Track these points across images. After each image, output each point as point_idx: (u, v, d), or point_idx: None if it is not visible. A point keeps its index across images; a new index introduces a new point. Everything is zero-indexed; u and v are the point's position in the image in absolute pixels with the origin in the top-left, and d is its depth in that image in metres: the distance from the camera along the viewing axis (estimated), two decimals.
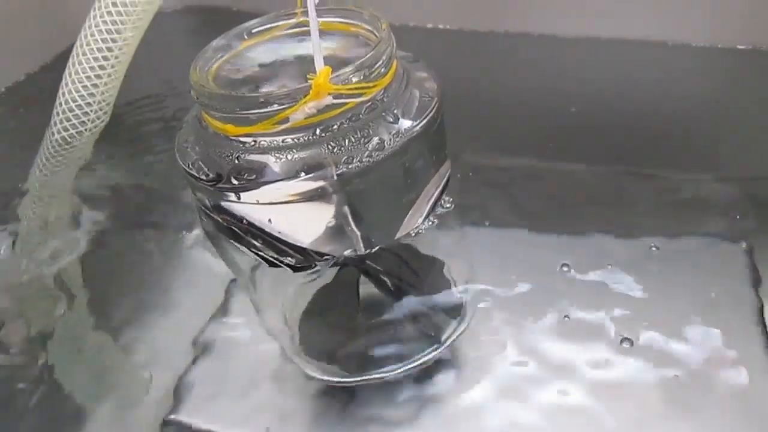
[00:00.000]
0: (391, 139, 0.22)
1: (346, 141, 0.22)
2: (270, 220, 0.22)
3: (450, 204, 0.26)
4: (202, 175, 0.22)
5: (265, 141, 0.21)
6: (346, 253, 0.23)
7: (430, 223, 0.25)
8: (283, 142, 0.21)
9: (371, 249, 0.23)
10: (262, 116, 0.21)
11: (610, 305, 0.31)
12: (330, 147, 0.21)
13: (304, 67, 0.23)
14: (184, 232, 0.34)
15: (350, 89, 0.21)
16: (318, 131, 0.21)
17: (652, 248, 0.33)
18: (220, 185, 0.22)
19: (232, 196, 0.22)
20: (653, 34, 0.50)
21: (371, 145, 0.22)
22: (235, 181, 0.21)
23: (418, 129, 0.22)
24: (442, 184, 0.25)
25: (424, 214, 0.24)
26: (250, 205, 0.22)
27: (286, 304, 0.29)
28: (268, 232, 0.22)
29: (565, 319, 0.30)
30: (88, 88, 0.44)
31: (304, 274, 0.24)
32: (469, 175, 0.38)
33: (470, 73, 0.50)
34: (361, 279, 0.27)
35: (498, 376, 0.29)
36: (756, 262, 0.32)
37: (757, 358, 0.28)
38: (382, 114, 0.22)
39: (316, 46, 0.21)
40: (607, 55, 0.50)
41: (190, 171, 0.22)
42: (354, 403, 0.28)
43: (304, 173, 0.21)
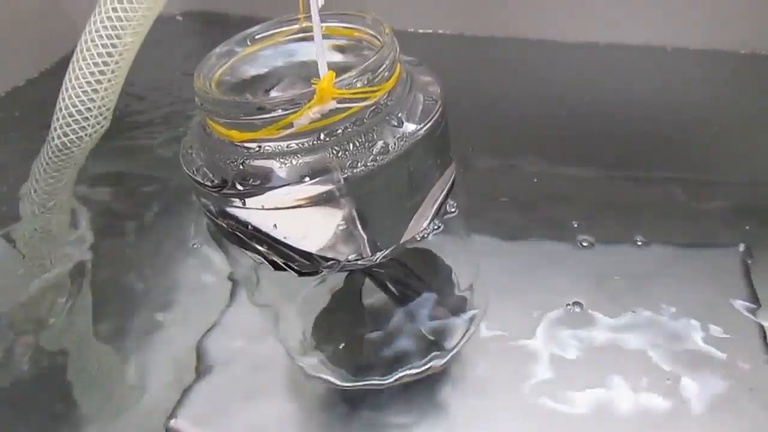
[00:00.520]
0: (395, 143, 0.22)
1: (351, 145, 0.22)
2: (275, 226, 0.22)
3: (455, 208, 0.26)
4: (207, 181, 0.22)
5: (270, 146, 0.21)
6: (351, 258, 0.23)
7: (436, 228, 0.25)
8: (288, 147, 0.21)
9: (376, 253, 0.23)
10: (266, 122, 0.21)
11: (609, 308, 0.31)
12: (335, 151, 0.21)
13: (308, 73, 0.23)
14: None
15: (354, 94, 0.21)
16: (322, 136, 0.21)
17: (651, 253, 0.33)
18: (225, 191, 0.22)
19: (237, 202, 0.22)
20: (653, 39, 0.50)
21: (376, 149, 0.22)
22: (240, 187, 0.21)
23: (422, 132, 0.22)
24: (447, 188, 0.25)
25: (429, 218, 0.24)
26: (255, 211, 0.22)
27: (290, 308, 0.29)
28: (273, 237, 0.22)
29: (569, 324, 0.30)
30: (89, 94, 0.44)
31: (310, 280, 0.23)
32: (471, 179, 0.38)
33: (470, 78, 0.50)
34: (367, 285, 0.27)
35: (504, 383, 0.29)
36: (754, 268, 0.32)
37: (756, 364, 0.28)
38: (387, 118, 0.22)
39: (320, 51, 0.21)
40: (607, 60, 0.50)
41: (195, 177, 0.22)
42: (358, 409, 0.28)
43: (309, 178, 0.21)
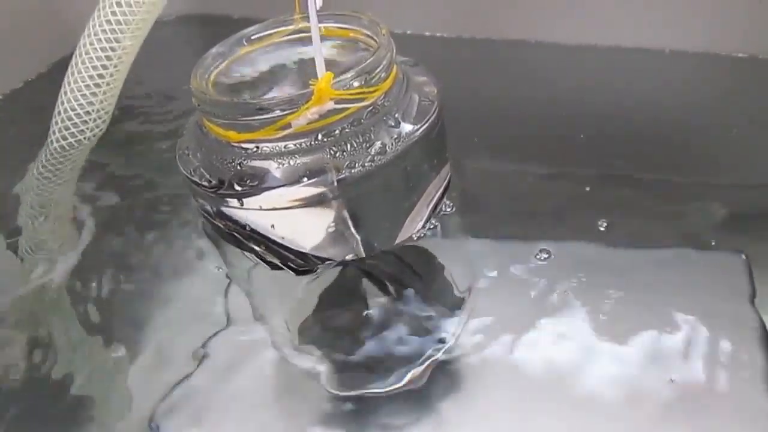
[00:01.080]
0: (392, 144, 0.22)
1: (349, 146, 0.22)
2: (273, 226, 0.22)
3: (450, 208, 0.26)
4: (204, 182, 0.22)
5: (268, 147, 0.22)
6: (348, 257, 0.23)
7: (432, 227, 0.25)
8: (286, 147, 0.21)
9: (372, 253, 0.23)
10: (264, 122, 0.21)
11: (607, 311, 0.31)
12: (332, 152, 0.22)
13: (304, 73, 0.23)
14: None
15: (352, 94, 0.21)
16: (320, 136, 0.22)
17: (648, 256, 0.33)
18: (222, 191, 0.22)
19: (235, 202, 0.22)
20: (651, 42, 0.50)
21: (373, 150, 0.22)
22: (238, 187, 0.22)
23: (419, 133, 0.22)
24: (443, 188, 0.25)
25: (425, 218, 0.24)
26: (253, 211, 0.22)
27: (286, 306, 0.29)
28: (270, 237, 0.22)
29: (567, 324, 0.30)
30: (87, 97, 0.44)
31: (305, 278, 0.24)
32: (467, 180, 0.38)
33: (468, 80, 0.50)
34: (363, 281, 0.27)
35: (500, 379, 0.29)
36: (753, 271, 0.32)
37: (757, 368, 0.28)
38: (384, 118, 0.22)
39: (318, 52, 0.22)
40: (605, 63, 0.50)
41: (192, 177, 0.22)
42: (354, 406, 0.28)
43: (306, 178, 0.21)
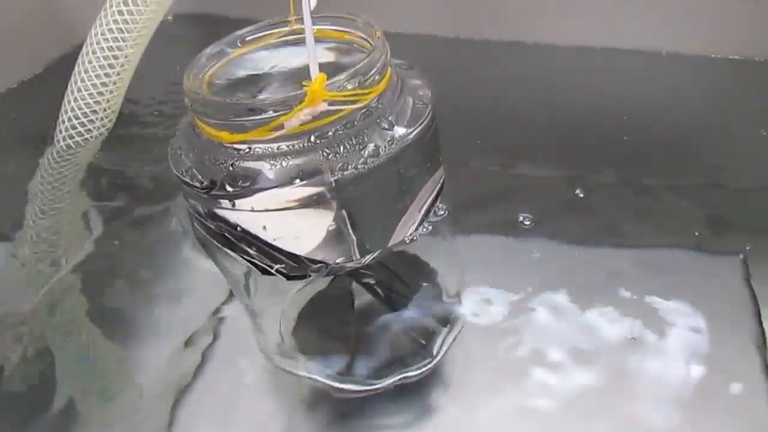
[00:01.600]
0: (386, 146, 0.22)
1: (341, 148, 0.22)
2: (264, 228, 0.22)
3: (443, 211, 0.25)
4: (196, 182, 0.22)
5: (260, 148, 0.21)
6: (340, 261, 0.23)
7: (424, 230, 0.25)
8: (278, 149, 0.21)
9: (365, 256, 0.23)
10: (257, 123, 0.21)
11: (604, 314, 0.31)
12: (325, 154, 0.21)
13: (298, 75, 0.23)
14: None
15: (345, 96, 0.21)
16: (313, 138, 0.21)
17: (645, 257, 0.33)
18: (214, 192, 0.22)
19: (227, 204, 0.22)
20: (648, 43, 0.50)
21: (366, 152, 0.22)
22: (230, 188, 0.21)
23: (412, 136, 0.22)
24: (436, 191, 0.25)
25: (418, 221, 0.24)
26: (244, 213, 0.22)
27: (278, 312, 0.29)
28: (262, 239, 0.22)
29: (559, 327, 0.30)
30: (94, 96, 0.44)
31: (298, 283, 0.23)
32: (462, 183, 0.38)
33: (465, 81, 0.50)
34: (354, 288, 0.27)
35: (491, 385, 0.28)
36: (751, 273, 0.32)
37: (755, 372, 0.28)
38: (377, 121, 0.22)
39: (312, 54, 0.21)
40: (602, 65, 0.50)
41: (184, 178, 0.22)
42: (345, 413, 0.28)
43: (299, 180, 0.21)
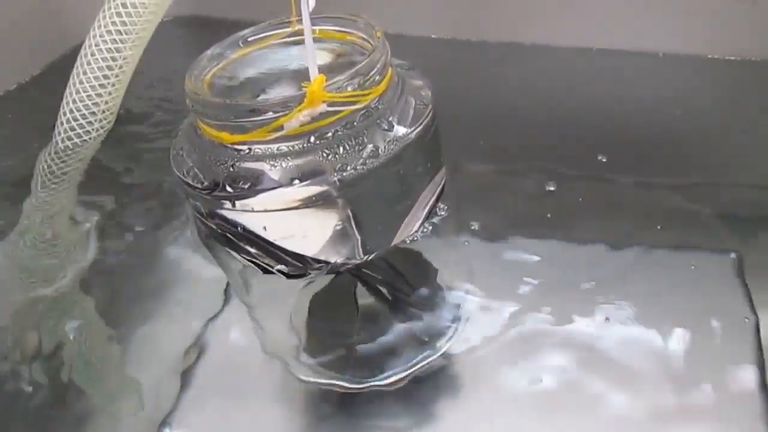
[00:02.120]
0: (386, 147, 0.22)
1: (341, 148, 0.22)
2: (265, 228, 0.22)
3: (445, 211, 0.26)
4: (198, 183, 0.22)
5: (260, 149, 0.22)
6: (341, 260, 0.23)
7: (426, 230, 0.25)
8: (278, 149, 0.22)
9: (367, 256, 0.23)
10: (256, 124, 0.21)
11: (602, 313, 0.31)
12: (325, 154, 0.22)
13: (299, 76, 0.23)
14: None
15: (345, 97, 0.21)
16: (313, 139, 0.22)
17: (640, 256, 0.33)
18: (215, 193, 0.22)
19: (228, 204, 0.22)
20: (646, 44, 0.50)
21: (366, 153, 0.22)
22: (231, 189, 0.22)
23: (413, 136, 0.22)
24: (438, 191, 0.25)
25: (420, 221, 0.24)
26: (245, 213, 0.22)
27: (281, 311, 0.29)
28: (263, 239, 0.22)
29: (560, 327, 0.30)
30: (93, 98, 0.44)
31: (299, 282, 0.23)
32: (462, 183, 0.38)
33: (463, 82, 0.50)
34: (357, 286, 0.27)
35: (493, 382, 0.28)
36: (745, 273, 0.32)
37: (750, 368, 0.28)
38: (377, 121, 0.22)
39: (311, 54, 0.22)
40: (600, 65, 0.50)
41: (186, 179, 0.22)
42: (348, 411, 0.28)
43: (299, 180, 0.21)
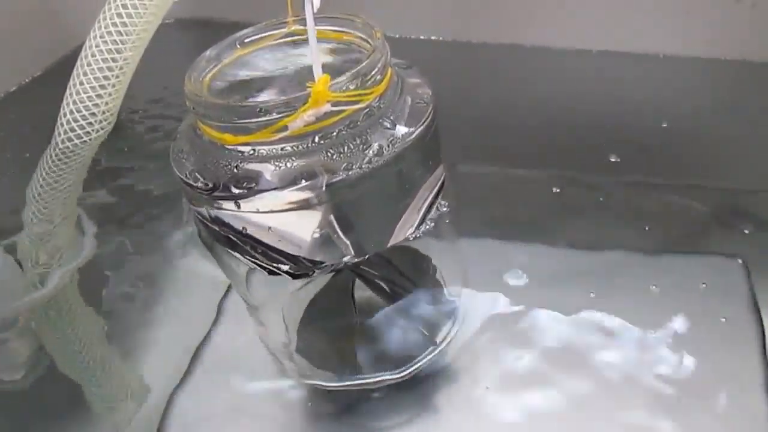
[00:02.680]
0: (388, 145, 0.22)
1: (345, 148, 0.22)
2: (269, 229, 0.22)
3: (444, 208, 0.26)
4: (199, 185, 0.22)
5: (264, 150, 0.21)
6: (345, 260, 0.23)
7: (426, 227, 0.25)
8: (282, 150, 0.21)
9: (369, 254, 0.23)
10: (260, 125, 0.21)
11: (601, 316, 0.31)
12: (329, 154, 0.21)
13: (298, 76, 0.23)
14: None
15: (348, 96, 0.21)
16: (317, 139, 0.21)
17: (645, 261, 0.33)
18: (218, 194, 0.22)
19: (231, 205, 0.22)
20: (645, 46, 0.50)
21: (370, 152, 0.22)
22: (235, 190, 0.21)
23: (414, 135, 0.22)
24: (437, 189, 0.25)
25: (419, 219, 0.24)
26: (249, 214, 0.22)
27: (282, 310, 0.29)
28: (265, 240, 0.22)
29: (559, 325, 0.30)
30: (93, 99, 0.44)
31: (300, 281, 0.23)
32: (461, 184, 0.38)
33: (463, 84, 0.50)
34: (356, 283, 0.27)
35: (493, 378, 0.29)
36: (752, 276, 0.32)
37: (756, 373, 0.28)
38: (379, 120, 0.22)
39: (315, 54, 0.21)
40: (600, 67, 0.50)
41: (187, 180, 0.22)
42: (349, 408, 0.28)
43: (303, 181, 0.21)
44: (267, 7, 0.27)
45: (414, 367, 0.28)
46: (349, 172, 0.21)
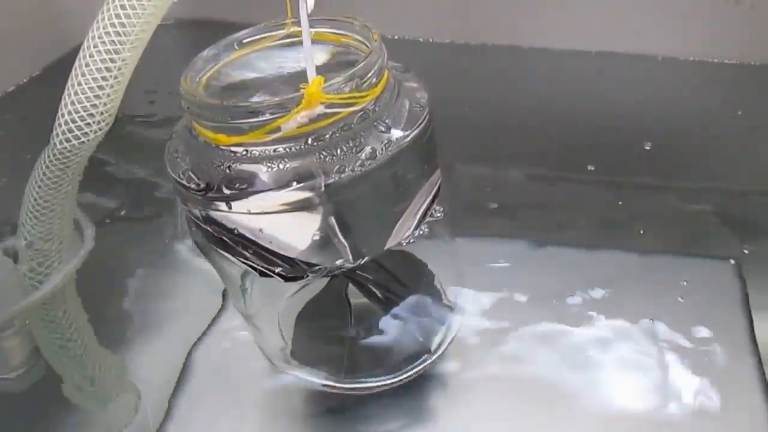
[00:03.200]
0: (382, 149, 0.22)
1: (338, 150, 0.22)
2: (261, 230, 0.22)
3: (440, 213, 0.25)
4: (193, 185, 0.22)
5: (257, 150, 0.21)
6: (337, 263, 0.23)
7: (421, 232, 0.25)
8: (275, 151, 0.21)
9: (362, 258, 0.23)
10: (253, 126, 0.21)
11: (599, 318, 0.31)
12: (322, 156, 0.21)
13: (295, 77, 0.23)
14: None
15: (342, 99, 0.21)
16: (310, 140, 0.21)
17: (639, 262, 0.33)
18: (210, 195, 0.22)
19: (223, 206, 0.22)
20: (644, 48, 0.50)
21: (363, 155, 0.22)
22: (227, 191, 0.21)
23: (409, 138, 0.22)
24: (433, 194, 0.24)
25: (415, 223, 0.24)
26: (241, 215, 0.22)
27: (274, 314, 0.29)
28: (258, 242, 0.22)
29: (554, 329, 0.30)
30: (91, 99, 0.44)
31: (295, 285, 0.23)
32: (459, 185, 0.38)
33: (461, 86, 0.50)
34: (351, 289, 0.27)
35: (488, 384, 0.28)
36: (745, 278, 0.32)
37: (750, 374, 0.28)
38: (374, 124, 0.22)
39: (309, 56, 0.21)
40: (598, 69, 0.50)
41: (181, 180, 0.22)
42: (344, 415, 0.28)
43: (295, 183, 0.21)
44: (266, 8, 0.27)
45: (409, 373, 0.28)
46: (342, 175, 0.21)
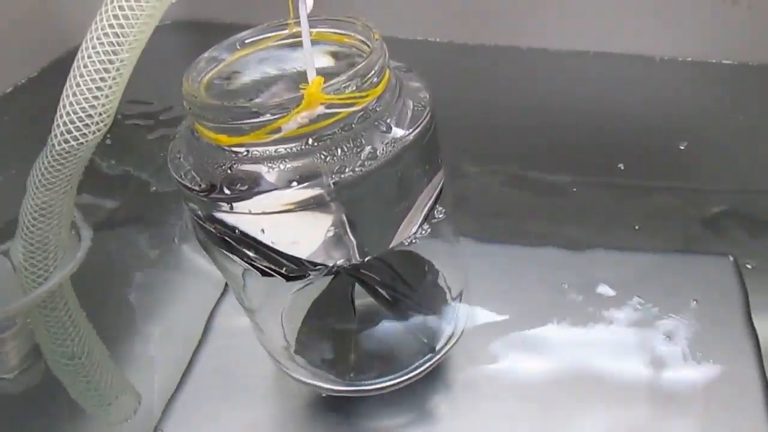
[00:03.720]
0: (384, 149, 0.22)
1: (339, 150, 0.22)
2: (263, 230, 0.22)
3: (443, 213, 0.26)
4: (195, 186, 0.22)
5: (258, 151, 0.21)
6: (339, 263, 0.23)
7: (423, 232, 0.25)
8: (276, 152, 0.21)
9: (365, 258, 0.23)
10: (254, 126, 0.21)
11: (600, 318, 0.31)
12: (323, 156, 0.21)
13: (297, 77, 0.23)
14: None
15: (343, 99, 0.21)
16: (311, 141, 0.21)
17: (638, 259, 0.33)
18: (212, 195, 0.22)
19: (225, 206, 0.22)
20: (642, 48, 0.50)
21: (364, 155, 0.22)
22: (228, 191, 0.21)
23: (411, 138, 0.22)
24: (436, 193, 0.25)
25: (418, 223, 0.24)
26: (242, 215, 0.22)
27: (278, 313, 0.29)
28: (260, 242, 0.22)
29: (559, 329, 0.30)
30: (90, 101, 0.44)
31: (297, 284, 0.23)
32: (459, 185, 0.38)
33: (460, 85, 0.50)
34: (356, 288, 0.27)
35: (492, 384, 0.28)
36: (746, 275, 0.32)
37: (748, 371, 0.28)
38: (375, 123, 0.22)
39: (309, 56, 0.21)
40: (596, 69, 0.51)
41: (183, 181, 0.22)
42: (348, 414, 0.28)
43: (297, 183, 0.21)
44: (265, 9, 0.27)
45: (413, 374, 0.28)
46: (343, 175, 0.21)
